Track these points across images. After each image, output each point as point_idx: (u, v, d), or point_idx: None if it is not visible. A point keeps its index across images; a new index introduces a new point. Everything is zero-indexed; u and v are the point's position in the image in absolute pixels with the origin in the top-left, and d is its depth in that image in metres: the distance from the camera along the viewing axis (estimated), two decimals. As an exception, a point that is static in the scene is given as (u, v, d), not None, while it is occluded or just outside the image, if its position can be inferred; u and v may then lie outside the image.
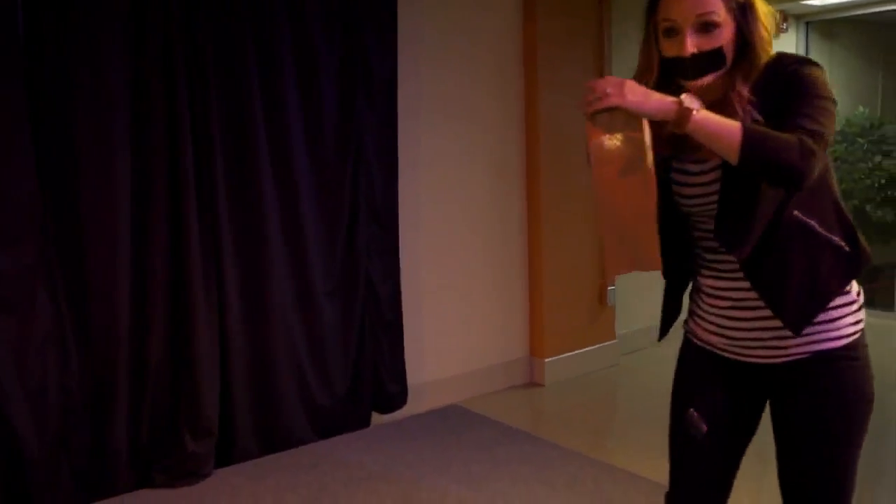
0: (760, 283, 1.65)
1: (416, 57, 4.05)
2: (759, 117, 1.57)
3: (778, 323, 1.67)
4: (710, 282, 1.76)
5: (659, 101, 1.52)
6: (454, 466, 3.44)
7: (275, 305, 3.57)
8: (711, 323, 1.78)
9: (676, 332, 1.96)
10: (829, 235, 1.65)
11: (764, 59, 1.62)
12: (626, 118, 1.56)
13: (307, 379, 3.70)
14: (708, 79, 1.62)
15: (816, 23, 5.97)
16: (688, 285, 1.87)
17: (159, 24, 3.17)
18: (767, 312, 1.68)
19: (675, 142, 1.68)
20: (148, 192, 3.24)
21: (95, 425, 3.21)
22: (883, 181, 6.06)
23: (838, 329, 1.67)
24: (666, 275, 1.85)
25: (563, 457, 3.50)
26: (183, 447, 3.33)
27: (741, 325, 1.72)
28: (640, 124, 1.56)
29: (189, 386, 3.36)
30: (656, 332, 1.93)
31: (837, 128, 5.64)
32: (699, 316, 1.83)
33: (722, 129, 1.51)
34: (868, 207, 6.06)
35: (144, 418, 3.31)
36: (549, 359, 4.65)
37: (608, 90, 1.52)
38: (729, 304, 1.73)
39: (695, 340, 1.86)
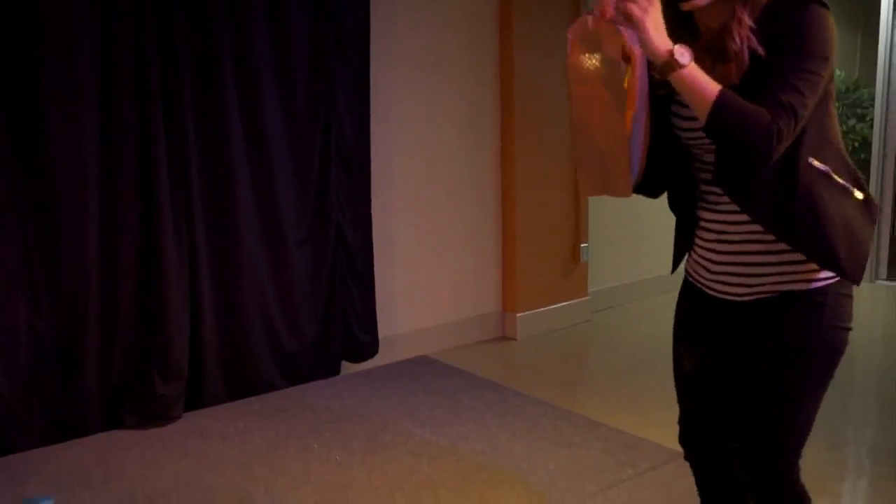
0: (797, 238, 1.62)
1: (390, 12, 4.06)
2: (759, 48, 1.54)
3: (755, 258, 1.67)
4: (703, 213, 1.76)
5: (658, 42, 1.52)
6: (420, 412, 3.52)
7: (244, 252, 3.62)
8: (700, 256, 1.79)
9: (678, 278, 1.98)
10: (847, 184, 1.64)
11: None
12: (613, 39, 1.56)
13: (276, 326, 3.76)
14: (702, 0, 1.59)
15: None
16: (697, 219, 1.82)
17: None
18: (747, 247, 1.68)
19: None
20: (118, 138, 3.26)
21: (66, 367, 3.26)
22: (857, 144, 6.12)
23: (810, 272, 1.66)
24: (673, 208, 1.85)
25: (527, 404, 3.58)
26: (153, 389, 3.39)
27: (721, 259, 1.72)
28: (623, 48, 1.56)
29: (159, 329, 3.40)
30: (629, 290, 1.94)
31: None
32: (693, 250, 1.83)
33: (698, 89, 1.52)
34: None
35: (115, 361, 3.36)
36: (522, 314, 4.71)
37: (632, 4, 1.52)
38: (713, 236, 1.73)
39: (688, 276, 1.88)
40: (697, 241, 1.79)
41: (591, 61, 1.62)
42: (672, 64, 1.52)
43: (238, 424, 3.39)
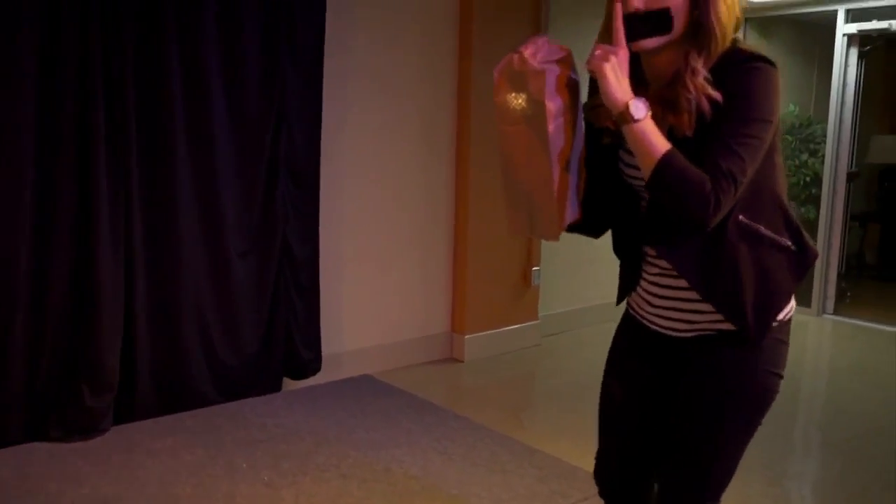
0: (714, 295, 1.62)
1: (348, 27, 4.01)
2: (715, 94, 1.50)
3: (696, 296, 1.64)
4: (648, 249, 1.73)
5: (616, 92, 1.50)
6: (357, 433, 3.44)
7: (183, 261, 3.52)
8: (643, 290, 1.76)
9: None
10: (777, 237, 1.63)
11: (722, 44, 1.54)
12: (537, 79, 1.53)
13: (214, 339, 3.66)
14: (651, 42, 1.54)
15: (754, 20, 6.05)
16: (643, 253, 1.78)
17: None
18: (691, 293, 1.66)
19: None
20: (56, 139, 3.16)
21: (-12, 373, 3.14)
22: (808, 179, 6.18)
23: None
24: (617, 245, 1.81)
25: (466, 428, 3.52)
26: (81, 400, 3.27)
27: (664, 293, 1.70)
28: (544, 90, 1.52)
29: (90, 338, 3.29)
30: (579, 315, 1.91)
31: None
32: (639, 284, 1.79)
33: (647, 144, 1.50)
34: (793, 204, 6.19)
35: (41, 369, 3.24)
36: (470, 335, 4.66)
37: (597, 52, 1.52)
38: (657, 270, 1.71)
39: (629, 309, 1.85)
40: (643, 274, 1.76)
41: (517, 101, 1.59)
42: (626, 116, 1.50)
43: (167, 440, 3.28)
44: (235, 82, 3.58)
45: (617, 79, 1.51)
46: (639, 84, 1.59)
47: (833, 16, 5.64)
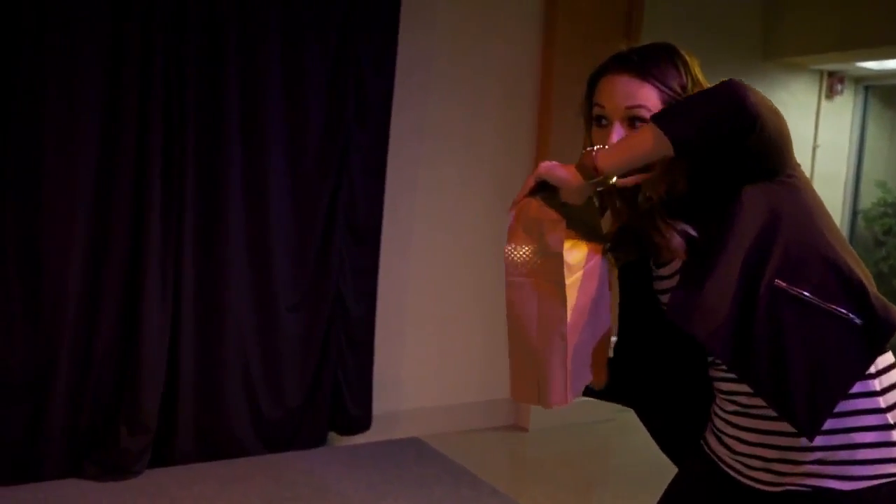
0: (756, 378, 1.32)
1: (422, 83, 3.99)
2: (692, 232, 1.38)
3: (786, 441, 1.36)
4: (722, 384, 1.48)
5: (565, 169, 1.39)
6: (385, 501, 3.31)
7: (230, 310, 3.53)
8: (718, 429, 1.50)
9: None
10: (829, 305, 1.30)
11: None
12: (555, 229, 1.40)
13: (256, 389, 3.64)
14: (631, 179, 1.39)
15: (877, 88, 5.61)
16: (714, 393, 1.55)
17: (138, 30, 3.20)
18: (776, 425, 1.37)
19: (635, 242, 1.53)
20: (113, 180, 3.26)
21: (32, 406, 3.23)
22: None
23: (857, 461, 1.33)
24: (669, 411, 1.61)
25: (502, 507, 3.33)
26: (117, 441, 3.32)
27: (745, 437, 1.43)
28: (562, 241, 1.39)
29: (132, 380, 3.34)
30: None
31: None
32: (712, 418, 1.54)
33: (631, 140, 1.35)
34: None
35: (84, 406, 3.31)
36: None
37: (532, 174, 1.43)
38: (734, 408, 1.44)
39: (703, 445, 1.57)
40: (716, 409, 1.51)
41: (523, 250, 1.44)
42: (587, 159, 1.35)
43: (193, 488, 3.27)
44: (297, 134, 3.61)
45: (557, 165, 1.40)
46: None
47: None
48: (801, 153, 6.27)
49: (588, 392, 1.57)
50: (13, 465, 3.20)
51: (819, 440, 1.33)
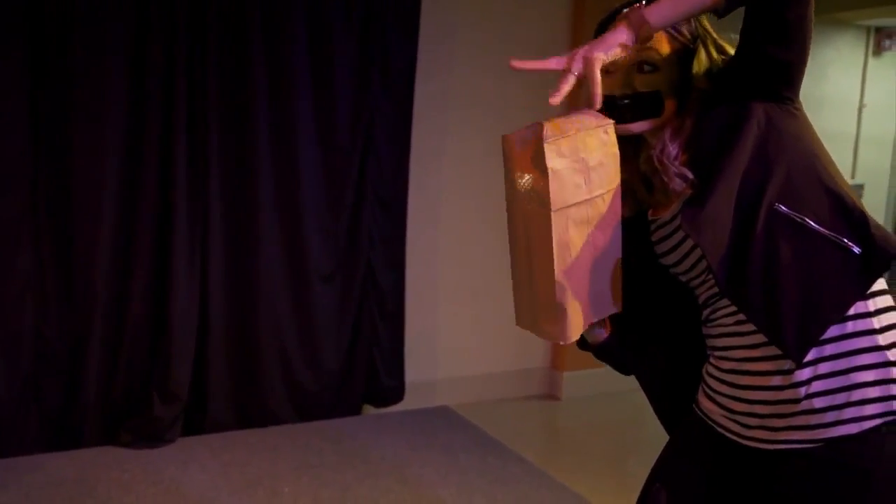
0: (745, 300, 1.29)
1: (449, 51, 3.96)
2: (689, 174, 1.37)
3: (779, 395, 1.32)
4: (716, 340, 1.44)
5: (612, 33, 1.37)
6: (410, 468, 3.34)
7: (263, 280, 3.58)
8: (712, 389, 1.46)
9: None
10: (830, 233, 1.29)
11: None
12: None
13: (291, 359, 3.68)
14: (639, 126, 1.41)
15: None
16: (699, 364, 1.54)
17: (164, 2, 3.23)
18: (773, 379, 1.33)
19: (641, 188, 1.51)
20: (139, 154, 3.31)
21: (68, 376, 3.33)
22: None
23: (858, 401, 1.29)
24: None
25: (524, 474, 3.33)
26: (150, 409, 3.40)
27: (740, 395, 1.39)
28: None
29: (163, 349, 3.42)
30: None
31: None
32: (704, 378, 1.51)
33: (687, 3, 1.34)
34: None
35: (118, 375, 3.40)
36: (570, 372, 4.44)
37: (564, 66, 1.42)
38: (730, 365, 1.41)
39: (696, 407, 1.53)
40: (709, 368, 1.48)
41: (525, 178, 1.45)
42: (635, 15, 1.34)
43: (224, 456, 3.34)
44: (324, 107, 3.61)
45: (601, 39, 1.38)
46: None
47: None
48: (846, 114, 6.07)
49: (596, 349, 1.63)
50: (51, 434, 3.31)
51: (818, 384, 1.30)
